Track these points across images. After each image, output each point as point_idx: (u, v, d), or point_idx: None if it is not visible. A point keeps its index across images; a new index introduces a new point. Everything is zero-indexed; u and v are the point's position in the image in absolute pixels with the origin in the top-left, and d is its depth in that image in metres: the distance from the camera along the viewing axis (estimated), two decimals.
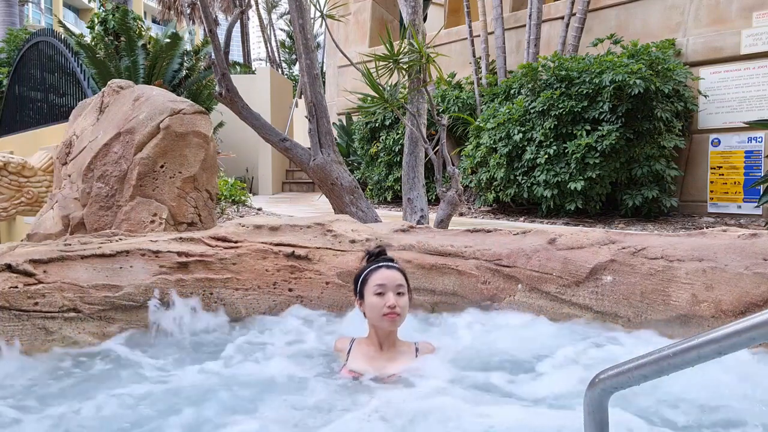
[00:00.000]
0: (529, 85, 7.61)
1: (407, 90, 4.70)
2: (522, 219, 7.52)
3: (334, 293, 2.70)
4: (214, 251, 2.69)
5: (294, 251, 2.77)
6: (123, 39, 10.76)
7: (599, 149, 6.70)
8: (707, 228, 3.23)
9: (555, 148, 7.03)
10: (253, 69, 21.73)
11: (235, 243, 2.76)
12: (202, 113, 3.69)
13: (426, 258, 2.75)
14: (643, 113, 6.77)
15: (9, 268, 2.26)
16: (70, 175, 3.94)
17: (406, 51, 4.31)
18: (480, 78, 9.27)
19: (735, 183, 7.19)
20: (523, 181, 7.42)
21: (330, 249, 2.83)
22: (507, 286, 2.61)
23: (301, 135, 13.49)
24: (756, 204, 6.75)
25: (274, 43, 30.15)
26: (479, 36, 9.36)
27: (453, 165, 4.35)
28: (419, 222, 4.48)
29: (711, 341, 0.86)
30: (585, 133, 6.87)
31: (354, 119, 11.61)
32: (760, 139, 7.05)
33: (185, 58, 11.90)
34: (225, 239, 2.78)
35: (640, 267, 2.38)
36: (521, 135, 7.36)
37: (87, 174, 3.64)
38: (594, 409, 1.05)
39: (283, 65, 31.52)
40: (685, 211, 7.43)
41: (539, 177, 7.14)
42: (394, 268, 2.06)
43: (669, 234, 2.69)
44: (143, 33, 11.51)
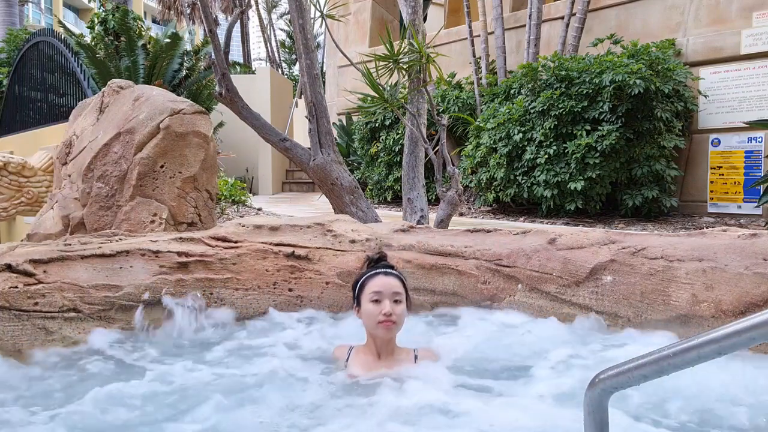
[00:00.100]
0: (529, 85, 7.61)
1: (407, 90, 4.70)
2: (522, 219, 7.52)
3: (334, 293, 2.71)
4: (214, 251, 2.69)
5: (294, 251, 2.77)
6: (123, 39, 10.76)
7: (599, 149, 6.70)
8: (707, 228, 3.23)
9: (555, 148, 7.03)
10: (253, 69, 21.73)
11: (235, 243, 2.77)
12: (202, 113, 3.69)
13: (426, 258, 2.75)
14: (643, 113, 6.77)
15: (9, 268, 2.26)
16: (70, 175, 3.94)
17: (406, 51, 4.31)
18: (480, 78, 9.27)
19: (735, 183, 7.19)
20: (523, 181, 7.42)
21: (330, 249, 2.83)
22: (507, 286, 2.61)
23: (301, 135, 13.48)
24: (756, 204, 6.75)
25: (274, 43, 30.15)
26: (479, 36, 9.36)
27: (453, 165, 4.35)
28: (419, 222, 4.48)
29: (711, 341, 0.86)
30: (585, 133, 6.87)
31: (354, 119, 11.61)
32: (760, 139, 7.05)
33: (185, 58, 11.89)
34: (225, 239, 2.78)
35: (640, 267, 2.38)
36: (521, 135, 7.36)
37: (87, 174, 3.64)
38: (594, 409, 1.05)
39: (283, 65, 31.52)
40: (685, 211, 7.43)
41: (539, 177, 7.14)
42: (392, 275, 2.02)
43: (669, 234, 2.69)
44: (143, 33, 11.50)
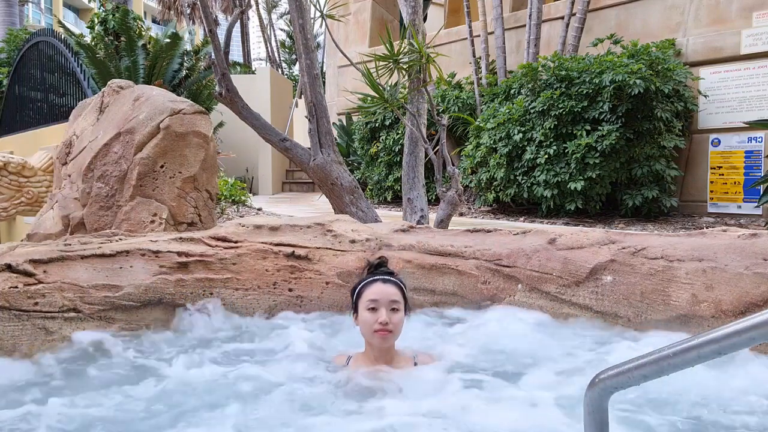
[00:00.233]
0: (529, 85, 7.61)
1: (407, 90, 4.70)
2: (522, 219, 7.52)
3: (334, 293, 2.70)
4: (214, 251, 2.70)
5: (294, 251, 2.77)
6: (123, 39, 10.75)
7: (599, 149, 6.70)
8: (707, 228, 3.23)
9: (555, 148, 7.03)
10: (253, 69, 21.73)
11: (235, 243, 2.77)
12: (202, 113, 3.69)
13: (426, 258, 2.75)
14: (643, 113, 6.77)
15: (9, 268, 2.26)
16: (70, 175, 3.94)
17: (406, 51, 4.30)
18: (480, 78, 9.27)
19: (735, 183, 7.18)
20: (523, 181, 7.42)
21: (330, 249, 2.83)
22: (507, 286, 2.61)
23: (301, 135, 13.49)
24: (756, 204, 6.74)
25: (274, 43, 30.15)
26: (479, 36, 9.36)
27: (453, 165, 4.35)
28: (419, 222, 4.48)
29: (711, 341, 0.86)
30: (585, 133, 6.87)
31: (354, 119, 11.60)
32: (760, 139, 7.05)
33: (185, 58, 11.89)
34: (225, 239, 2.78)
35: (640, 267, 2.38)
36: (521, 135, 7.36)
37: (87, 174, 3.64)
38: (594, 409, 1.05)
39: (283, 65, 31.52)
40: (685, 211, 7.43)
41: (539, 177, 7.14)
42: (390, 282, 1.98)
43: (669, 234, 2.69)
44: (143, 33, 11.50)
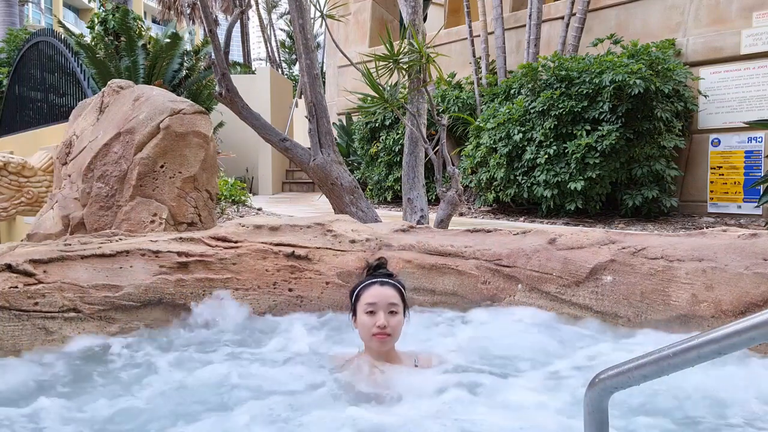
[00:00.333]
0: (529, 85, 7.61)
1: (407, 90, 4.70)
2: (522, 219, 7.52)
3: (334, 293, 2.70)
4: (214, 251, 2.70)
5: (294, 251, 2.77)
6: (123, 39, 10.75)
7: (599, 149, 6.70)
8: (707, 228, 3.23)
9: (555, 148, 7.03)
10: (253, 69, 21.73)
11: (235, 243, 2.77)
12: (202, 113, 3.69)
13: (426, 258, 2.75)
14: (643, 113, 6.77)
15: (9, 268, 2.26)
16: (70, 175, 3.94)
17: (406, 51, 4.30)
18: (480, 78, 9.27)
19: (735, 183, 7.18)
20: (523, 181, 7.42)
21: (330, 249, 2.83)
22: (507, 286, 2.61)
23: (301, 135, 13.48)
24: (756, 204, 6.74)
25: (274, 43, 30.15)
26: (479, 36, 9.36)
27: (453, 165, 4.35)
28: (419, 222, 4.48)
29: (711, 341, 0.86)
30: (585, 133, 6.87)
31: (354, 119, 11.61)
32: (760, 139, 7.05)
33: (185, 58, 11.89)
34: (225, 239, 2.78)
35: (640, 267, 2.38)
36: (521, 135, 7.36)
37: (87, 174, 3.64)
38: (594, 409, 1.05)
39: (283, 65, 31.51)
40: (685, 211, 7.43)
41: (539, 177, 7.13)
42: (388, 284, 1.95)
43: (669, 234, 2.69)
44: (143, 33, 11.50)
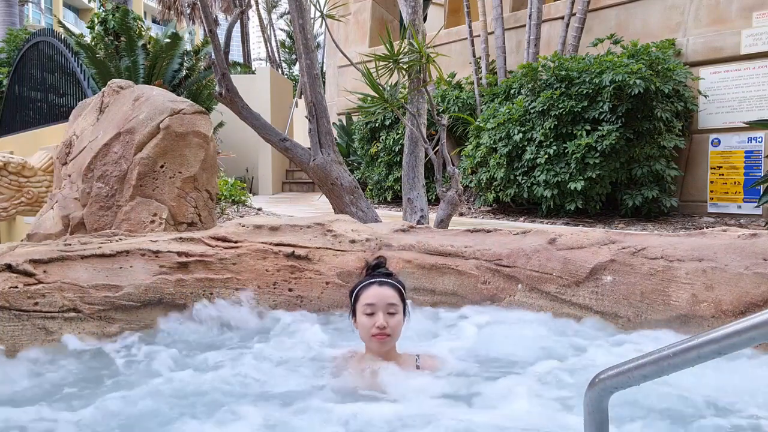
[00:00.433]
0: (529, 85, 7.61)
1: (407, 90, 4.70)
2: (522, 219, 7.52)
3: (334, 293, 2.70)
4: (214, 251, 2.69)
5: (294, 251, 2.77)
6: (123, 39, 10.75)
7: (599, 149, 6.70)
8: (707, 228, 3.23)
9: (555, 148, 7.03)
10: (253, 69, 21.73)
11: (235, 243, 2.76)
12: (202, 113, 3.69)
13: (426, 258, 2.75)
14: (643, 113, 6.77)
15: (9, 268, 2.26)
16: (70, 175, 3.94)
17: (406, 51, 4.30)
18: (480, 78, 9.27)
19: (735, 183, 7.18)
20: (523, 181, 7.42)
21: (330, 249, 2.83)
22: (507, 286, 2.61)
23: (301, 135, 13.48)
24: (756, 204, 6.74)
25: (274, 43, 30.15)
26: (479, 36, 9.36)
27: (453, 165, 4.35)
28: (419, 222, 4.48)
29: (711, 341, 0.86)
30: (585, 133, 6.87)
31: (354, 119, 11.61)
32: (760, 139, 7.05)
33: (185, 58, 11.89)
34: (225, 239, 2.78)
35: (640, 267, 2.38)
36: (521, 135, 7.36)
37: (87, 174, 3.64)
38: (594, 409, 1.05)
39: (283, 65, 31.51)
40: (685, 211, 7.43)
41: (539, 177, 7.13)
42: (387, 284, 1.93)
43: (669, 234, 2.69)
44: (143, 33, 11.50)
